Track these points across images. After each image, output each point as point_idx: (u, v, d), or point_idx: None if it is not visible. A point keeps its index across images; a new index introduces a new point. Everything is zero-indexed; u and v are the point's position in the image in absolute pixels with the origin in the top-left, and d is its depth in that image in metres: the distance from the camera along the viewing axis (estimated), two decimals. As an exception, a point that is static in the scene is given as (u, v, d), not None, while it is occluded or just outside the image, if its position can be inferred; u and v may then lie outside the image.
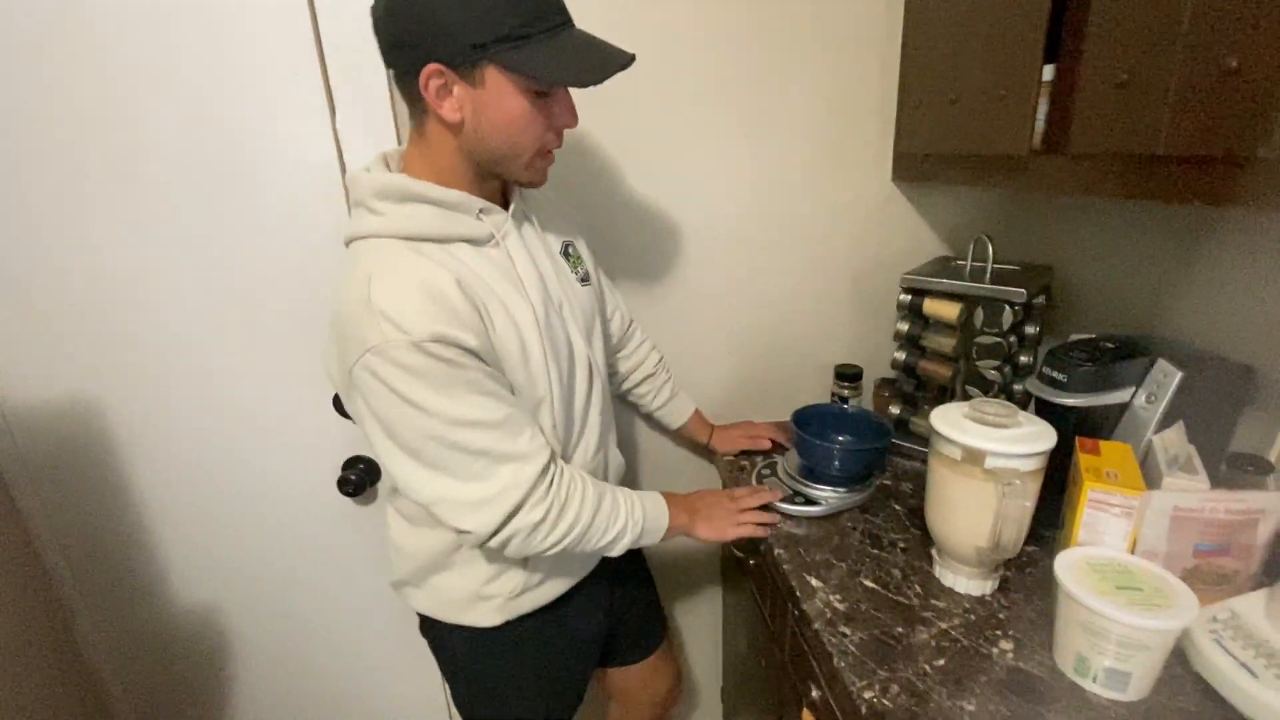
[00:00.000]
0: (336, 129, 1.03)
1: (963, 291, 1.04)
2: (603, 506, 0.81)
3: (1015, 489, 0.72)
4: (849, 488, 1.02)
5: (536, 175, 0.77)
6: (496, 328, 0.73)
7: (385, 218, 0.72)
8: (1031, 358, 1.04)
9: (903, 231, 1.25)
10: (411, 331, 0.65)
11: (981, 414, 0.79)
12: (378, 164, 0.77)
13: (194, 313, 1.10)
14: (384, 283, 0.67)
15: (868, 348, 1.31)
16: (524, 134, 0.71)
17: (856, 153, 1.19)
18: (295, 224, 1.07)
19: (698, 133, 1.13)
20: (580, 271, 0.90)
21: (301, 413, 1.18)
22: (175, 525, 1.23)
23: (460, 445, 0.70)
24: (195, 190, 1.03)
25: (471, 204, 0.74)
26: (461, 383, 0.69)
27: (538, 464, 0.74)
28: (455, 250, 0.73)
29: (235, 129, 1.01)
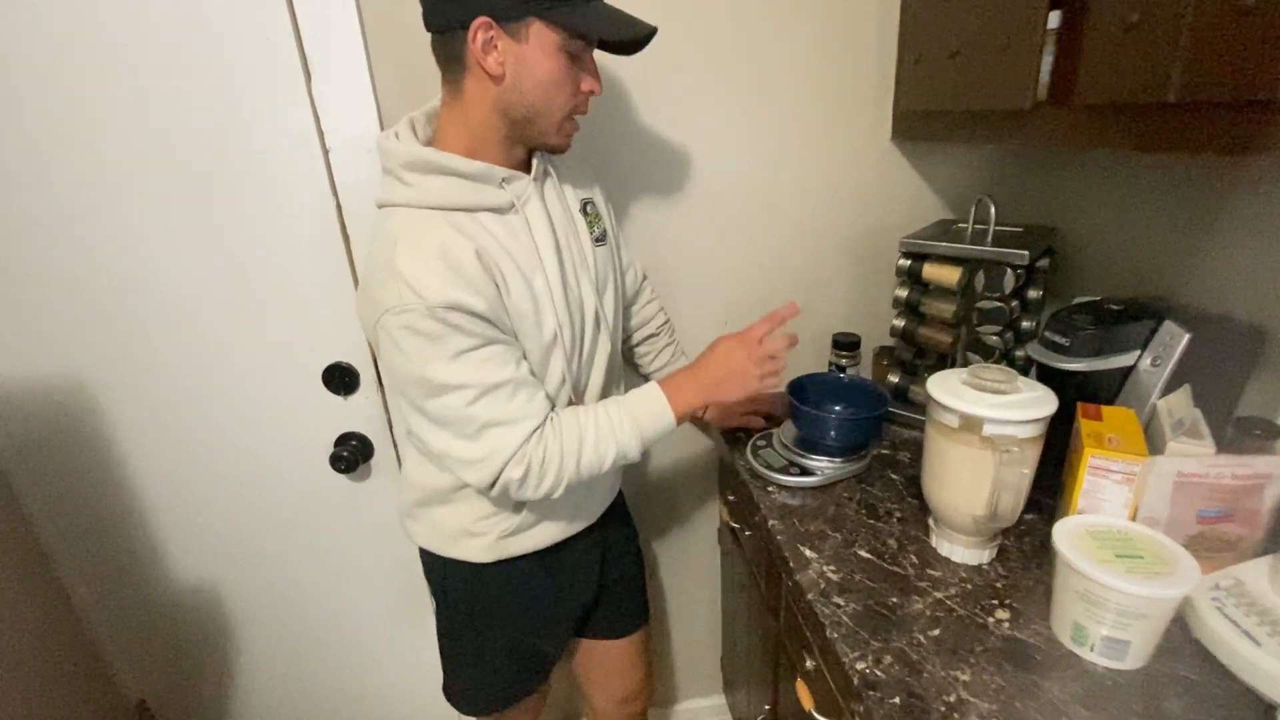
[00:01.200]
0: (313, 95, 1.00)
1: (963, 255, 1.00)
2: (585, 444, 0.80)
3: (1013, 456, 0.70)
4: (845, 458, 1.00)
5: (564, 138, 0.80)
6: (512, 293, 0.76)
7: (414, 189, 0.75)
8: (1034, 322, 1.02)
9: (902, 194, 1.21)
10: (426, 296, 0.69)
11: (980, 380, 0.76)
12: (406, 129, 0.79)
13: (178, 289, 1.08)
14: (408, 249, 0.71)
15: (866, 315, 1.28)
16: (560, 92, 0.75)
17: (854, 111, 1.14)
18: (275, 195, 1.04)
19: (688, 93, 1.09)
20: (597, 230, 0.91)
21: (291, 388, 1.16)
22: (169, 504, 1.23)
23: (457, 406, 0.74)
24: (170, 164, 1.00)
25: (494, 174, 0.77)
26: (466, 348, 0.72)
27: (527, 426, 0.77)
28: (481, 219, 0.77)
29: (208, 98, 0.98)
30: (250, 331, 1.12)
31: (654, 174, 1.13)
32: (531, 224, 0.80)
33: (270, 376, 1.15)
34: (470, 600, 0.96)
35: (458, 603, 0.97)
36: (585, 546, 1.00)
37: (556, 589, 0.98)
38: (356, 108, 1.01)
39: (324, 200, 1.06)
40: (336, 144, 1.03)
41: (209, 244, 1.06)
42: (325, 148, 1.03)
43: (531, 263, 0.79)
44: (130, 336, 1.09)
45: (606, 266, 0.92)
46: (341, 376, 1.16)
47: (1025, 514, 0.85)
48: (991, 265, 0.97)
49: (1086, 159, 1.04)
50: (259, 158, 1.02)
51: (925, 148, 1.18)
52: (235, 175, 1.02)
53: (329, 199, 1.06)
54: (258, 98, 0.99)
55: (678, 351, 1.17)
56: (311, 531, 1.29)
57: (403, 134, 0.78)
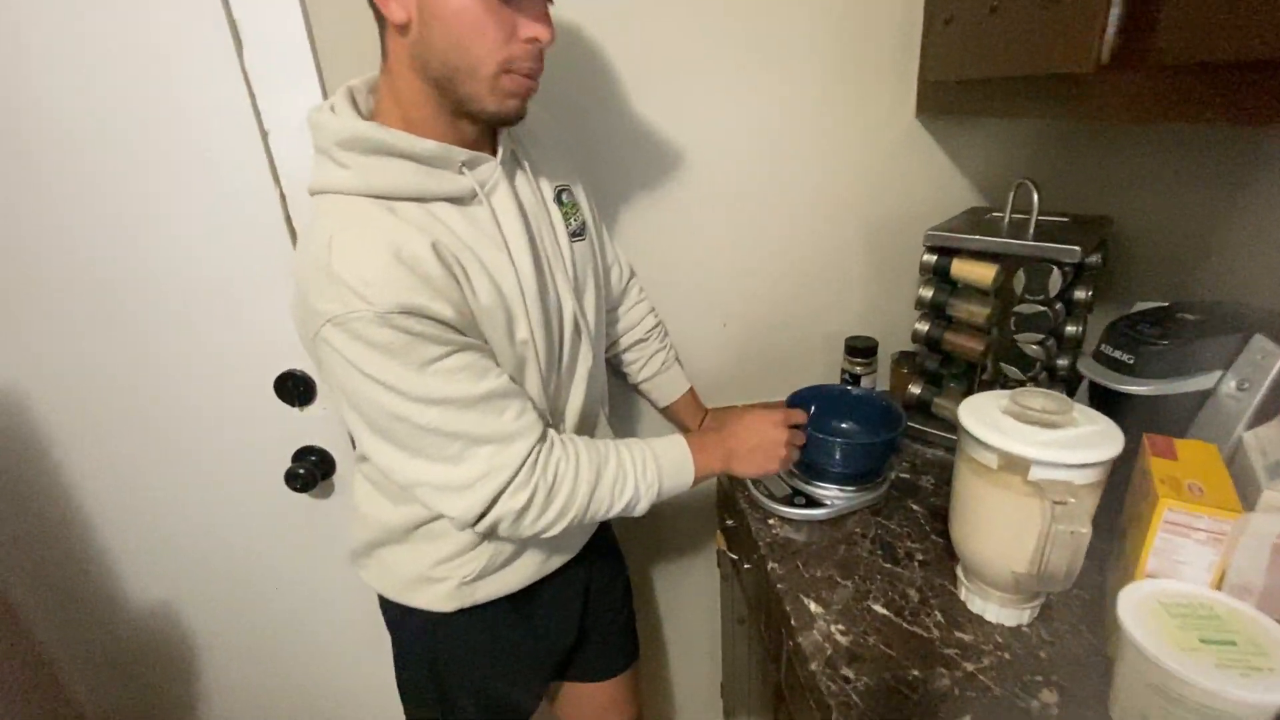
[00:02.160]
0: (245, 68, 0.87)
1: (1000, 250, 0.86)
2: (603, 478, 0.70)
3: (1068, 510, 0.56)
4: (858, 486, 0.87)
5: (505, 103, 0.63)
6: (478, 294, 0.65)
7: (351, 171, 0.62)
8: (1080, 327, 0.87)
9: (928, 178, 1.06)
10: (376, 302, 0.57)
11: (1024, 408, 0.62)
12: (343, 100, 0.65)
13: (110, 289, 0.96)
14: (347, 247, 0.59)
15: (885, 317, 1.13)
16: (477, 39, 0.59)
17: (872, 84, 0.99)
18: (211, 184, 0.92)
19: (682, 64, 0.94)
20: (574, 223, 0.79)
21: (240, 399, 1.05)
22: (119, 522, 1.13)
23: (432, 427, 0.62)
24: (94, 153, 0.88)
25: (452, 157, 0.64)
26: (433, 358, 0.60)
27: (523, 445, 0.65)
28: (435, 210, 0.64)
29: (126, 77, 0.85)
30: (192, 336, 1.00)
31: (643, 157, 0.98)
32: (499, 215, 0.68)
33: (217, 385, 1.04)
34: (431, 652, 0.84)
35: (418, 655, 0.85)
36: (563, 584, 0.87)
37: (532, 635, 0.86)
38: (296, 81, 0.88)
39: (265, 189, 0.93)
40: (275, 124, 0.90)
41: (141, 240, 0.94)
42: (263, 129, 0.90)
43: (500, 261, 0.67)
44: (61, 341, 0.98)
45: (586, 264, 0.80)
46: (295, 386, 1.04)
47: (1074, 563, 0.71)
48: (1034, 263, 0.83)
49: (1151, 135, 0.89)
50: (189, 142, 0.89)
51: (956, 125, 1.03)
52: (165, 162, 0.90)
53: (271, 187, 0.93)
54: (182, 73, 0.86)
55: (670, 358, 1.04)
56: (271, 550, 1.18)
57: (339, 106, 0.64)
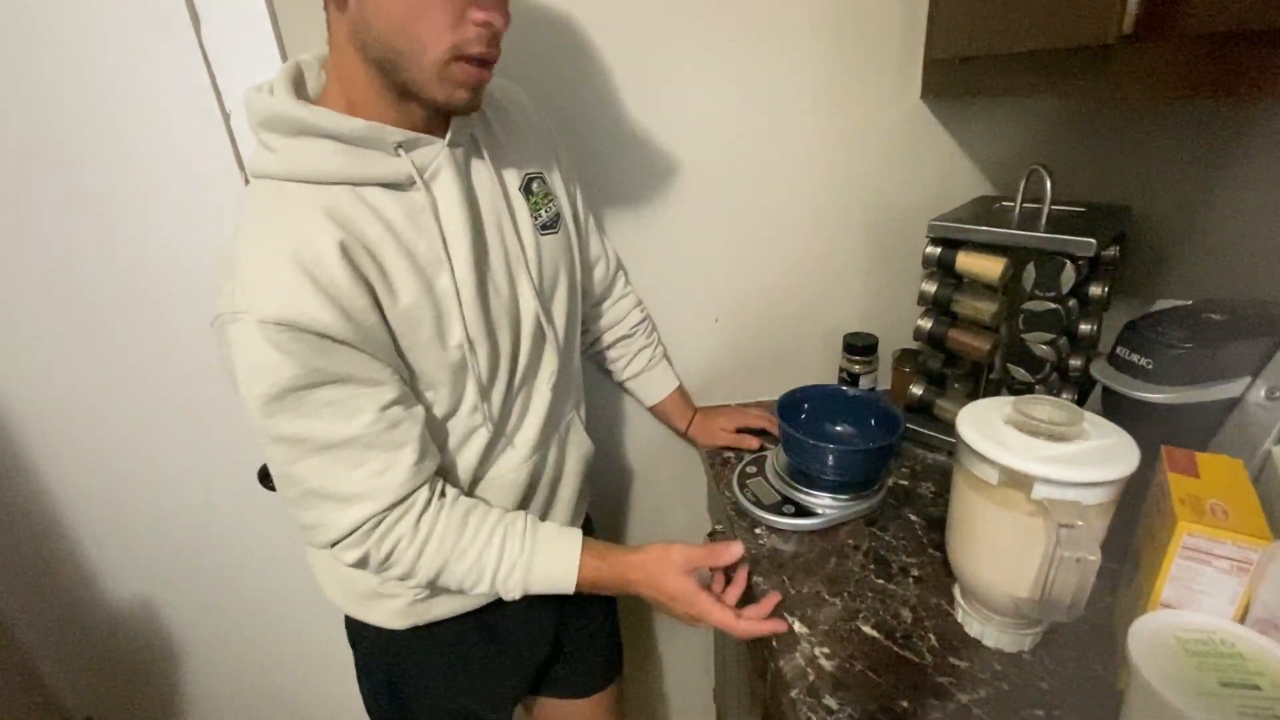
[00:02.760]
0: (204, 46, 0.82)
1: (1009, 242, 0.79)
2: (448, 572, 0.64)
3: (1075, 534, 0.50)
4: (852, 494, 0.82)
5: (454, 94, 0.56)
6: (399, 294, 0.59)
7: (276, 155, 0.57)
8: (1095, 326, 0.81)
9: (934, 165, 0.99)
10: (255, 308, 0.52)
11: (1029, 418, 0.57)
12: (284, 78, 0.58)
13: (74, 283, 0.92)
14: (247, 240, 0.55)
15: (886, 313, 1.07)
16: (420, 22, 0.52)
17: (876, 63, 0.92)
18: (173, 171, 0.87)
19: (680, 43, 0.88)
20: (546, 214, 0.72)
21: (209, 395, 1.01)
22: (96, 520, 1.11)
23: (275, 460, 0.58)
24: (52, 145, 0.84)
25: (385, 136, 0.57)
26: (300, 384, 0.54)
27: (359, 511, 0.59)
28: (369, 196, 0.58)
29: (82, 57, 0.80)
30: (161, 329, 0.96)
31: (629, 142, 0.92)
32: (439, 204, 0.61)
33: (188, 380, 1.00)
34: (389, 669, 0.80)
35: (376, 670, 0.81)
36: (534, 597, 0.79)
37: (499, 652, 0.81)
38: (258, 59, 0.83)
39: (229, 174, 0.88)
40: (238, 105, 0.85)
41: (104, 232, 0.89)
42: (225, 111, 0.85)
43: (434, 254, 0.61)
44: (29, 337, 0.95)
45: (557, 260, 0.73)
46: (267, 381, 1.00)
47: (1082, 584, 0.65)
48: (1045, 256, 0.76)
49: (1175, 116, 0.82)
50: (149, 127, 0.85)
51: (964, 107, 0.96)
52: (124, 149, 0.85)
53: (235, 173, 0.88)
54: (137, 52, 0.81)
55: (657, 354, 0.99)
56: (247, 548, 1.16)
57: (277, 85, 0.58)
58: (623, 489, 1.17)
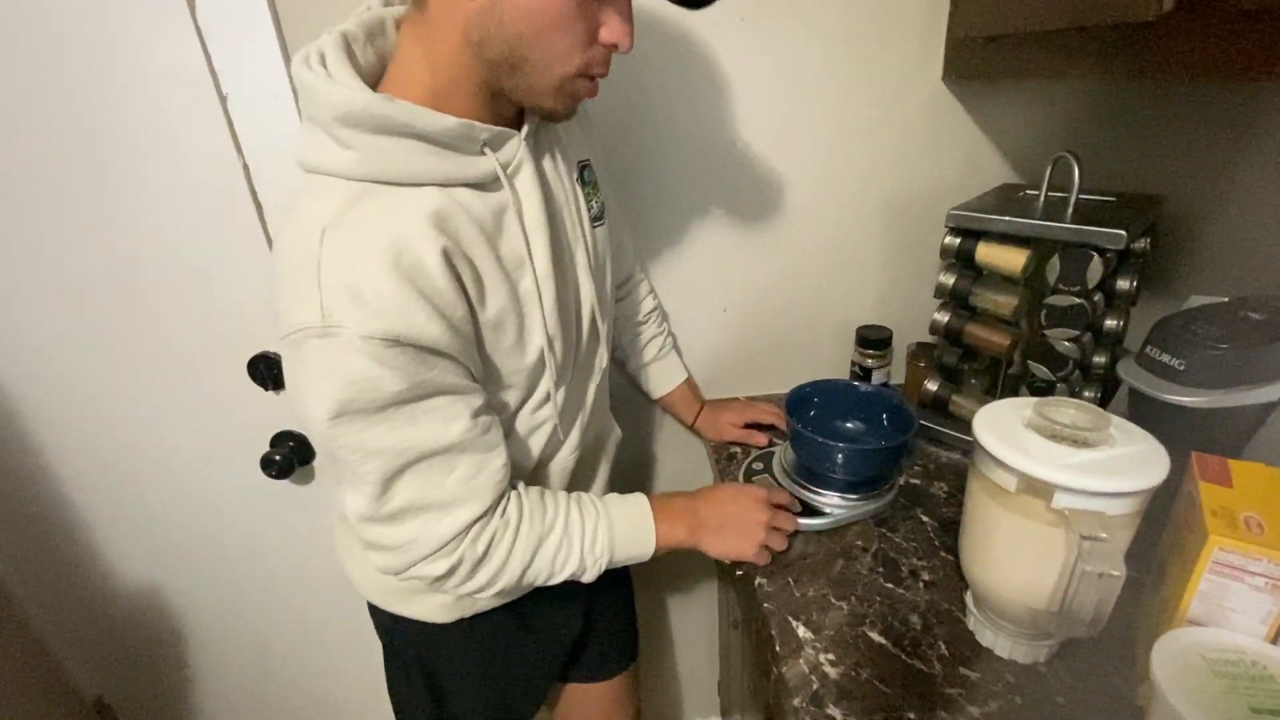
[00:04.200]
0: (199, 24, 0.79)
1: (1032, 233, 0.75)
2: (542, 552, 0.63)
3: (1099, 549, 0.47)
4: (861, 493, 0.79)
5: (565, 104, 0.55)
6: (488, 303, 0.56)
7: (356, 154, 0.51)
8: (1121, 322, 0.77)
9: (956, 150, 0.95)
10: (359, 324, 0.48)
11: (1051, 422, 0.54)
12: (338, 55, 0.52)
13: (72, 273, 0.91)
14: (341, 247, 0.49)
15: (901, 305, 1.04)
16: (561, 35, 0.50)
17: (893, 42, 0.88)
18: (169, 156, 0.85)
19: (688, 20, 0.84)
20: (596, 205, 0.70)
21: (213, 383, 1.00)
22: (103, 507, 1.11)
23: (369, 477, 0.54)
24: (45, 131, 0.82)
25: (475, 135, 0.53)
26: (402, 399, 0.52)
27: (460, 517, 0.58)
28: (458, 196, 0.54)
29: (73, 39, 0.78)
30: (160, 317, 0.95)
31: (634, 125, 0.89)
32: (523, 202, 0.58)
33: (188, 370, 0.99)
34: (427, 666, 0.78)
35: (411, 669, 0.80)
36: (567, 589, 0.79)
37: (535, 641, 0.81)
38: (254, 39, 0.80)
39: (228, 160, 0.86)
40: (234, 87, 0.83)
41: (100, 218, 0.88)
42: (221, 93, 0.83)
43: (517, 255, 0.58)
44: (30, 327, 0.94)
45: (605, 253, 0.71)
46: (269, 369, 0.99)
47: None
48: (1071, 248, 0.73)
49: (1213, 101, 0.77)
50: (144, 110, 0.82)
51: (988, 89, 0.91)
52: (119, 133, 0.83)
53: (234, 158, 0.86)
54: (132, 31, 0.79)
55: (667, 344, 0.97)
56: (252, 536, 1.16)
57: (333, 63, 0.51)
58: (628, 482, 1.15)
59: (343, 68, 0.51)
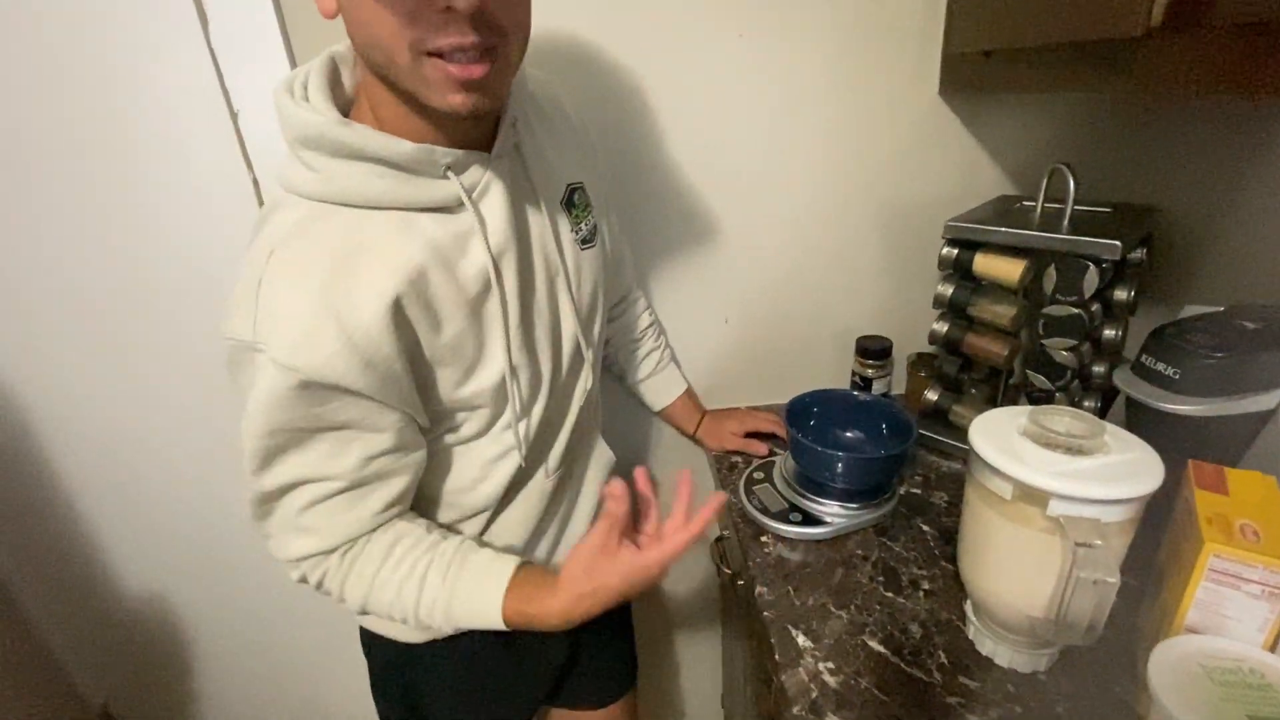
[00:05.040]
0: (211, 44, 0.82)
1: (1028, 244, 0.76)
2: (374, 602, 0.61)
3: (1093, 554, 0.48)
4: (861, 503, 0.79)
5: (447, 99, 0.48)
6: (446, 329, 0.56)
7: (317, 175, 0.52)
8: (1120, 331, 0.77)
9: (952, 162, 0.96)
10: (273, 347, 0.49)
11: (1045, 430, 0.54)
12: (318, 79, 0.53)
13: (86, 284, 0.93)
14: (281, 271, 0.50)
15: (901, 315, 1.04)
16: (376, 21, 0.46)
17: (891, 56, 0.89)
18: (181, 170, 0.87)
19: (686, 32, 0.86)
20: (584, 227, 0.68)
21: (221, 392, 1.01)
22: (111, 514, 1.12)
23: (249, 482, 0.56)
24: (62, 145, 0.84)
25: (435, 159, 0.52)
26: (297, 428, 0.53)
27: (305, 546, 0.59)
28: (417, 221, 0.54)
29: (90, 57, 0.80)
30: (172, 326, 0.97)
31: (633, 135, 0.91)
32: (488, 225, 0.56)
33: (197, 378, 1.01)
34: (408, 686, 0.77)
35: (391, 683, 0.79)
36: None
37: (515, 662, 0.79)
38: (264, 58, 0.82)
39: (238, 174, 0.88)
40: (245, 104, 0.85)
41: (114, 230, 0.90)
42: (232, 109, 0.85)
43: (481, 278, 0.57)
44: (45, 335, 0.96)
45: (595, 276, 0.69)
46: (275, 379, 1.00)
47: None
48: (1067, 258, 0.73)
49: (1205, 113, 0.78)
50: (158, 126, 0.85)
51: (984, 102, 0.92)
52: (133, 148, 0.85)
53: (244, 172, 0.88)
54: (146, 51, 0.81)
55: (665, 357, 0.97)
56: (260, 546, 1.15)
57: (313, 87, 0.52)
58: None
59: (318, 91, 0.52)
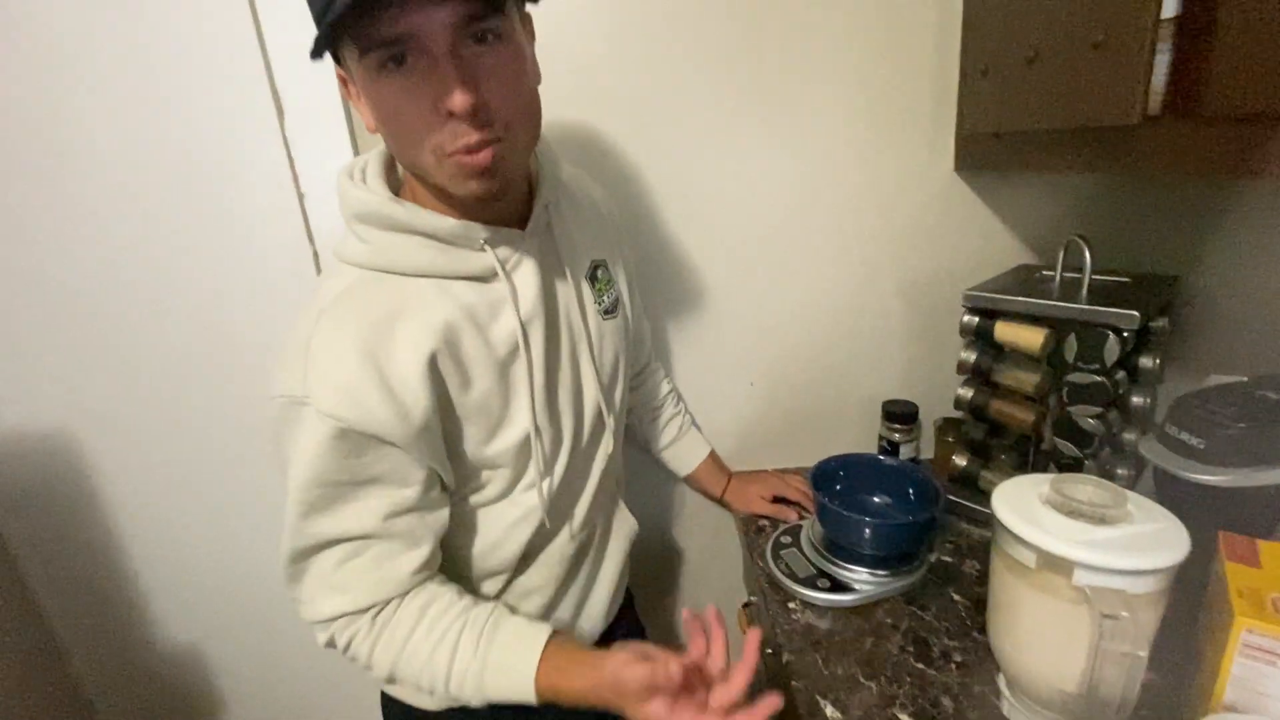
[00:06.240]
0: (286, 134, 0.91)
1: (1045, 313, 0.78)
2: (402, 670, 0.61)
3: (1120, 626, 0.48)
4: (890, 570, 0.79)
5: (467, 185, 0.54)
6: (475, 388, 0.60)
7: (369, 247, 0.58)
8: (1148, 398, 0.78)
9: (971, 233, 0.99)
10: (319, 398, 0.53)
11: (1068, 499, 0.55)
12: (376, 167, 0.61)
13: (152, 340, 1.01)
14: (332, 329, 0.55)
15: (926, 379, 1.06)
16: (399, 133, 0.53)
17: (908, 136, 0.95)
18: (249, 242, 0.96)
19: (702, 109, 0.92)
20: (607, 299, 0.73)
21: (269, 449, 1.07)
22: (154, 561, 1.17)
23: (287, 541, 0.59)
24: (142, 210, 0.94)
25: (473, 235, 0.59)
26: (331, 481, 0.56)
27: (337, 605, 0.59)
28: (453, 288, 0.59)
29: (179, 141, 0.90)
30: (227, 385, 1.04)
31: (669, 211, 0.97)
32: (519, 294, 0.62)
33: (248, 436, 1.07)
34: None
35: None
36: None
37: None
38: (332, 146, 0.92)
39: (300, 246, 0.97)
40: (311, 186, 0.94)
41: (184, 293, 0.98)
42: (300, 190, 0.94)
43: (510, 344, 0.61)
44: (106, 388, 1.03)
45: (617, 344, 0.74)
46: (321, 437, 1.06)
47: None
48: (1087, 327, 0.75)
49: (1222, 186, 0.80)
50: (231, 202, 0.94)
51: (999, 178, 0.96)
52: (210, 219, 0.95)
53: (305, 245, 0.97)
54: (229, 137, 0.91)
55: (686, 422, 1.00)
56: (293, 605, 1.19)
57: (371, 172, 0.60)
58: (657, 558, 1.16)
59: (375, 176, 0.60)
